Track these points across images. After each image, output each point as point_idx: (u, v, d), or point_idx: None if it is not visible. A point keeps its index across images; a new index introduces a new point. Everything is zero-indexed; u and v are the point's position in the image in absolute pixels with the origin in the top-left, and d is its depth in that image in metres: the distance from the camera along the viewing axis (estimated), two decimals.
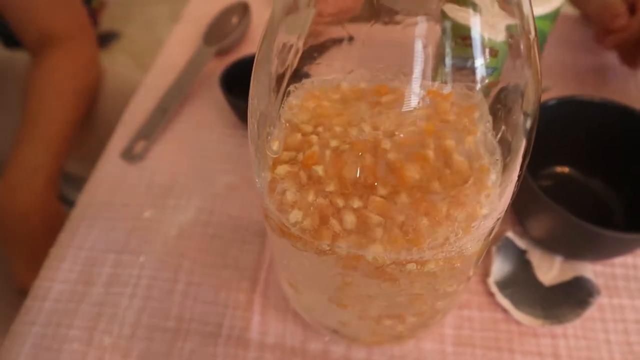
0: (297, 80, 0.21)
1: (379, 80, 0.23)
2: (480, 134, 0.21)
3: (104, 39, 1.66)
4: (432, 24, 0.19)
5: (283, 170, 0.21)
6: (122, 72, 0.69)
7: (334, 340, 0.34)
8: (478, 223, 0.20)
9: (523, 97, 0.20)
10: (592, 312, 0.36)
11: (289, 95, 0.21)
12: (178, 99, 0.50)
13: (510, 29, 0.19)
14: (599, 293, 0.36)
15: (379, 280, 0.23)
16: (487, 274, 0.37)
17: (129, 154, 0.46)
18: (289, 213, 0.21)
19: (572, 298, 0.36)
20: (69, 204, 0.44)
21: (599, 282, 0.37)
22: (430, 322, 0.31)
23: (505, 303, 0.36)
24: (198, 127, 0.49)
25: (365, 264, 0.21)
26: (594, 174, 0.41)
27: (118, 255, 0.39)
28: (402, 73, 0.22)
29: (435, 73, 0.20)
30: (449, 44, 0.19)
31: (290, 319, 0.36)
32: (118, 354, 0.34)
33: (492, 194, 0.20)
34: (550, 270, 0.38)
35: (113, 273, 0.38)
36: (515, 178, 0.21)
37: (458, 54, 0.20)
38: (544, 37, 0.42)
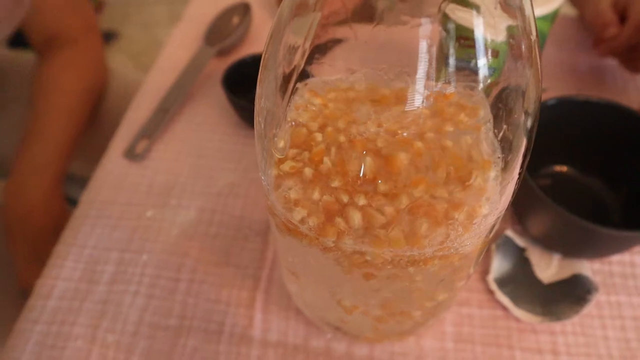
0: (303, 81, 0.22)
1: (382, 80, 0.23)
2: (482, 133, 0.21)
3: (103, 39, 1.66)
4: (433, 25, 0.19)
5: (288, 167, 0.21)
6: (120, 72, 0.69)
7: (336, 338, 0.35)
8: (479, 221, 0.21)
9: (524, 97, 0.20)
10: (590, 309, 0.36)
11: (295, 95, 0.21)
12: (179, 99, 0.50)
13: (511, 30, 0.20)
14: (597, 290, 0.36)
15: (381, 277, 0.23)
16: (486, 272, 0.38)
17: (132, 153, 0.46)
18: (294, 210, 0.21)
19: (570, 295, 0.37)
20: (73, 204, 0.44)
21: (597, 279, 0.38)
22: (431, 319, 0.31)
23: (505, 300, 0.36)
24: (199, 126, 0.50)
25: (368, 261, 0.21)
26: (592, 173, 0.42)
27: (121, 254, 0.40)
28: (404, 73, 0.22)
29: (437, 73, 0.20)
30: (451, 45, 0.20)
31: (293, 317, 0.36)
32: (121, 352, 0.35)
33: (492, 192, 0.21)
34: (549, 268, 0.38)
35: (116, 271, 0.39)
36: (516, 176, 0.21)
37: (459, 55, 0.20)
38: (544, 37, 0.43)
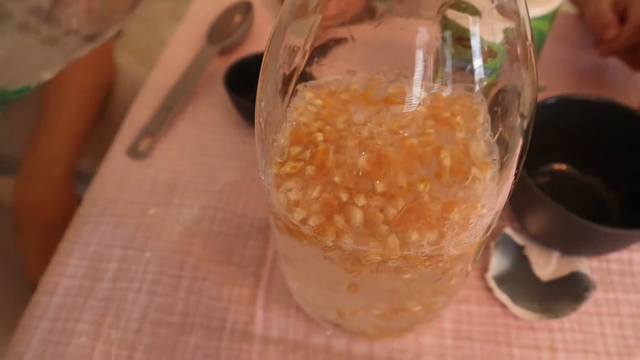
0: (304, 82, 0.22)
1: (382, 82, 0.24)
2: (479, 134, 0.22)
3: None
4: (432, 27, 0.20)
5: (289, 168, 0.21)
6: (126, 69, 0.70)
7: (336, 334, 0.35)
8: (475, 220, 0.21)
9: (520, 98, 0.20)
10: (588, 306, 0.37)
11: (295, 96, 0.22)
12: (182, 97, 0.51)
13: (508, 32, 0.20)
14: (595, 288, 0.37)
15: (380, 275, 0.24)
16: (485, 270, 0.38)
17: (135, 151, 0.47)
18: (294, 210, 0.22)
19: (568, 293, 0.37)
20: (80, 201, 0.45)
21: (595, 277, 0.38)
22: (430, 316, 0.32)
23: (504, 298, 0.37)
24: (202, 125, 0.50)
25: (367, 260, 0.22)
26: (591, 171, 0.42)
27: (124, 251, 0.40)
28: (403, 75, 0.22)
29: (436, 74, 0.20)
30: (450, 46, 0.20)
31: (293, 314, 0.36)
32: (124, 348, 0.35)
33: (489, 193, 0.21)
34: (548, 266, 0.38)
35: (119, 269, 0.39)
36: (512, 176, 0.22)
37: (458, 56, 0.20)
38: (543, 36, 0.43)
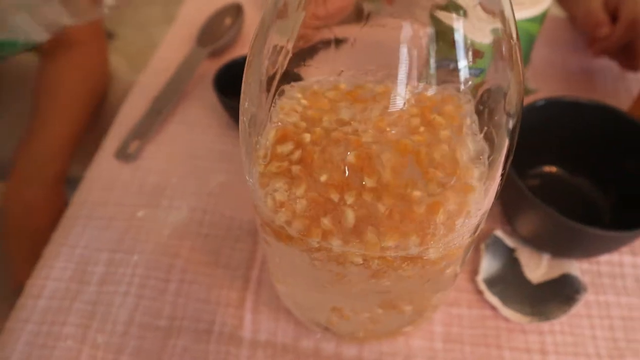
0: (287, 82, 0.22)
1: (369, 82, 0.23)
2: (466, 134, 0.21)
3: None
4: (420, 27, 0.20)
5: (274, 167, 0.21)
6: (118, 73, 0.70)
7: (326, 338, 0.35)
8: (462, 221, 0.21)
9: (506, 98, 0.20)
10: (578, 308, 0.36)
11: (280, 96, 0.22)
12: (172, 100, 0.50)
13: (495, 33, 0.20)
14: (586, 290, 0.37)
15: (367, 277, 0.23)
16: (476, 272, 0.38)
17: (123, 154, 0.46)
18: (279, 211, 0.21)
19: (559, 295, 0.37)
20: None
21: (586, 279, 0.38)
22: (419, 319, 0.32)
23: (494, 300, 0.36)
24: (191, 127, 0.50)
25: (352, 261, 0.22)
26: (581, 174, 0.42)
27: (112, 254, 0.40)
28: (391, 75, 0.22)
29: (425, 74, 0.20)
30: (437, 46, 0.20)
31: (282, 317, 0.36)
32: (111, 352, 0.35)
33: (476, 192, 0.21)
34: (538, 268, 0.38)
35: (106, 272, 0.39)
36: (499, 176, 0.22)
37: (447, 56, 0.20)
38: (532, 39, 0.43)
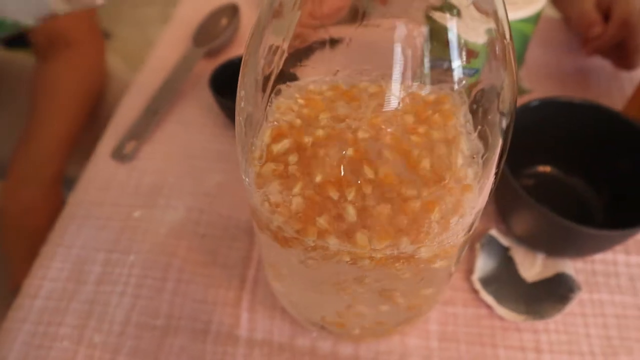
0: (283, 82, 0.22)
1: (364, 81, 0.24)
2: (460, 133, 0.22)
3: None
4: (416, 27, 0.20)
5: (269, 168, 0.21)
6: (115, 73, 0.70)
7: (322, 336, 0.35)
8: (456, 219, 0.21)
9: (499, 97, 0.20)
10: (572, 307, 0.37)
11: (276, 96, 0.22)
12: (168, 100, 0.50)
13: (489, 33, 0.20)
14: (580, 289, 0.37)
15: (363, 275, 0.23)
16: (471, 271, 0.38)
17: (120, 154, 0.46)
18: (275, 210, 0.22)
19: (553, 294, 0.37)
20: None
21: (580, 278, 0.38)
22: (415, 317, 0.32)
23: (489, 299, 0.37)
24: (188, 127, 0.50)
25: (347, 260, 0.22)
26: (575, 173, 0.42)
27: (108, 254, 0.40)
28: (386, 74, 0.22)
29: (419, 74, 0.21)
30: (432, 46, 0.20)
31: (279, 316, 0.36)
32: (108, 352, 0.35)
33: (470, 191, 0.21)
34: (533, 267, 0.38)
35: (103, 272, 0.39)
36: (493, 175, 0.22)
37: (441, 56, 0.20)
38: (527, 39, 0.43)
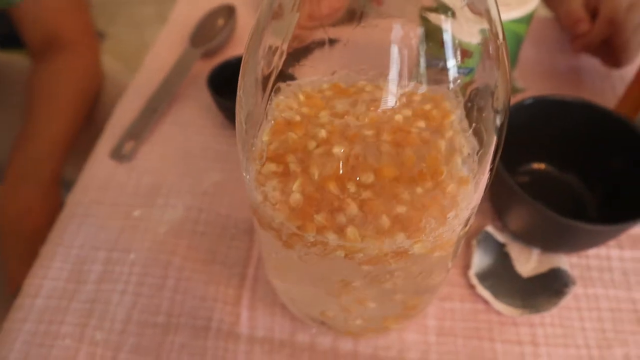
0: (282, 81, 0.22)
1: (361, 81, 0.24)
2: (455, 131, 0.22)
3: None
4: (411, 27, 0.20)
5: (269, 165, 0.22)
6: (110, 73, 0.70)
7: (321, 332, 0.36)
8: (453, 214, 0.21)
9: (493, 96, 0.21)
10: (568, 301, 0.37)
11: (275, 95, 0.22)
12: (166, 100, 0.51)
13: (483, 33, 0.21)
14: (575, 283, 0.37)
15: (362, 271, 0.24)
16: (467, 267, 0.39)
17: (118, 154, 0.47)
18: (275, 207, 0.22)
19: (549, 288, 0.38)
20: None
21: (575, 273, 0.39)
22: (412, 312, 0.32)
23: (486, 294, 0.37)
24: (186, 127, 0.50)
25: (346, 256, 0.22)
26: (569, 170, 0.43)
27: (108, 253, 0.40)
28: (383, 74, 0.23)
29: (415, 73, 0.21)
30: (427, 46, 0.20)
31: (279, 313, 0.37)
32: (110, 349, 0.35)
33: (466, 186, 0.21)
34: (528, 263, 0.39)
35: (104, 270, 0.39)
36: (488, 171, 0.22)
37: (437, 56, 0.21)
38: (520, 39, 0.44)
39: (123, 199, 0.44)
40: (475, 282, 0.38)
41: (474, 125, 0.21)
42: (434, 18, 0.20)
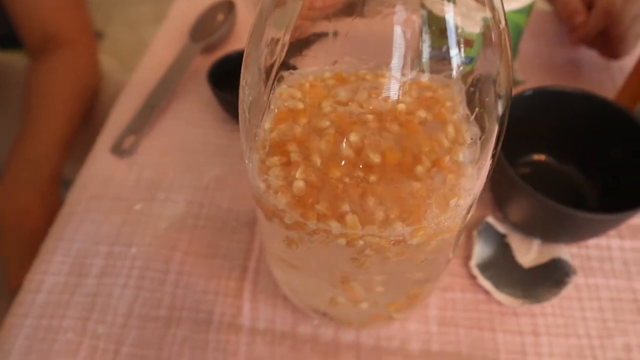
0: (285, 71, 0.22)
1: (364, 69, 0.24)
2: (457, 119, 0.22)
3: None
4: (412, 16, 0.20)
5: (272, 153, 0.22)
6: (108, 72, 0.70)
7: (323, 323, 0.36)
8: (455, 201, 0.22)
9: (495, 84, 0.21)
10: (568, 291, 0.38)
11: (278, 84, 0.22)
12: (166, 95, 0.51)
13: (485, 21, 0.21)
14: (575, 273, 0.38)
15: (364, 260, 0.24)
16: (469, 258, 0.39)
17: (119, 149, 0.47)
18: (278, 195, 0.22)
19: (549, 279, 0.38)
20: None
21: (575, 263, 0.39)
22: (414, 302, 0.32)
23: (487, 285, 0.37)
24: (186, 122, 0.50)
25: (349, 243, 0.22)
26: (569, 161, 0.43)
27: (110, 247, 0.40)
28: (384, 63, 0.23)
29: (416, 62, 0.21)
30: (428, 35, 0.21)
31: (280, 304, 0.37)
32: (111, 343, 0.35)
33: (468, 173, 0.22)
34: (529, 253, 0.39)
35: (105, 264, 0.39)
36: (490, 158, 0.22)
37: (438, 45, 0.21)
38: (520, 30, 0.44)
39: (124, 194, 0.44)
40: (476, 272, 0.38)
41: (477, 111, 0.21)
42: (435, 7, 0.20)
